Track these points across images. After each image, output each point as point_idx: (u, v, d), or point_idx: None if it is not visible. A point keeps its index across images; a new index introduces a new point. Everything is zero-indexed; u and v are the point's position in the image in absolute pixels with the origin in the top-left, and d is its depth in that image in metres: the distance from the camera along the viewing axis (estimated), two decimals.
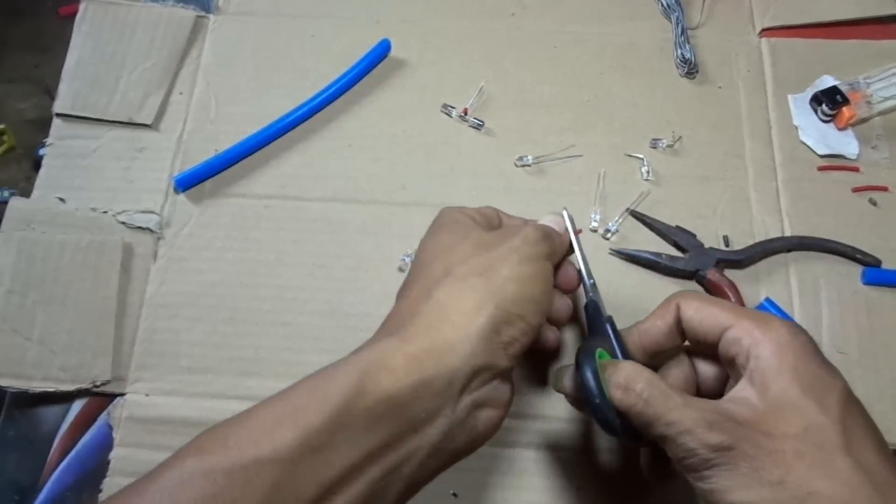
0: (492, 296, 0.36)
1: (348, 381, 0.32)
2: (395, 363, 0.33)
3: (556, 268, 0.42)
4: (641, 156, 0.56)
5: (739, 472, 0.31)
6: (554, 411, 0.48)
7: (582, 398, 0.37)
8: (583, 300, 0.43)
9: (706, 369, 0.39)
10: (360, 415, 0.31)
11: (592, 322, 0.42)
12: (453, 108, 0.58)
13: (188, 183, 0.55)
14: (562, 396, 0.49)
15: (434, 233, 0.41)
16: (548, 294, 0.38)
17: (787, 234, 0.54)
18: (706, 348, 0.37)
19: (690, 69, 0.60)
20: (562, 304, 0.42)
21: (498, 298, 0.36)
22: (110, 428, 0.48)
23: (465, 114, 0.58)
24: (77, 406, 0.49)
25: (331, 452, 0.31)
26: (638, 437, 0.36)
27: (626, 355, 0.39)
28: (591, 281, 0.43)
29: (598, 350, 0.38)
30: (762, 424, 0.32)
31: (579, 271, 0.43)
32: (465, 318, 0.35)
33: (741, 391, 0.34)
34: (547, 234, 0.40)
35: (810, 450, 0.31)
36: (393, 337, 0.34)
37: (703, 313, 0.37)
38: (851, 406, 0.32)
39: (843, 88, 0.57)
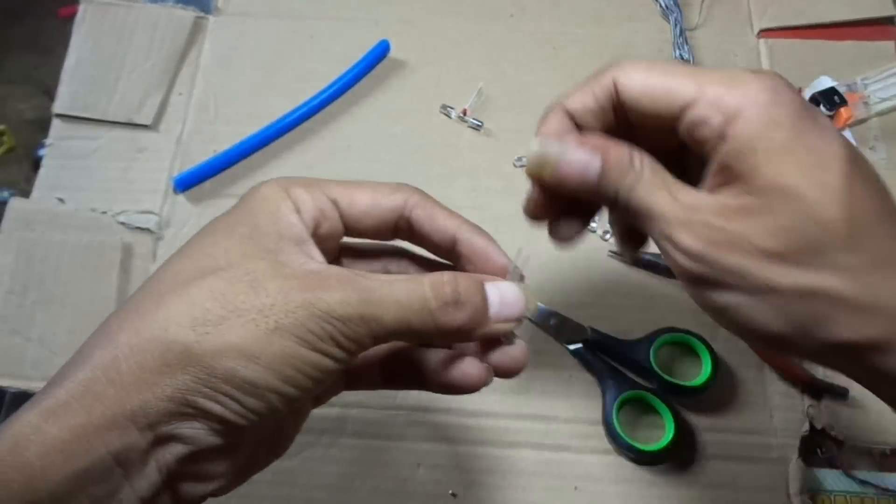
0: (194, 360, 0.25)
1: None
2: (29, 455, 0.24)
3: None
4: None
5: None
6: (553, 412, 0.48)
7: None
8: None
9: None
10: None
11: None
12: (452, 108, 0.58)
13: (187, 183, 0.55)
14: (562, 400, 0.49)
15: (210, 231, 0.28)
16: (299, 384, 0.26)
17: None
18: (659, 128, 0.29)
19: None
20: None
21: (200, 367, 0.25)
22: None
23: (465, 114, 0.58)
24: None
25: None
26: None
27: None
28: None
29: None
30: (750, 226, 0.26)
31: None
32: (138, 382, 0.25)
33: (718, 186, 0.27)
34: (372, 302, 0.26)
35: (802, 246, 0.26)
36: (36, 407, 0.25)
37: (652, 88, 0.28)
38: (855, 177, 0.27)
39: (841, 89, 0.57)
